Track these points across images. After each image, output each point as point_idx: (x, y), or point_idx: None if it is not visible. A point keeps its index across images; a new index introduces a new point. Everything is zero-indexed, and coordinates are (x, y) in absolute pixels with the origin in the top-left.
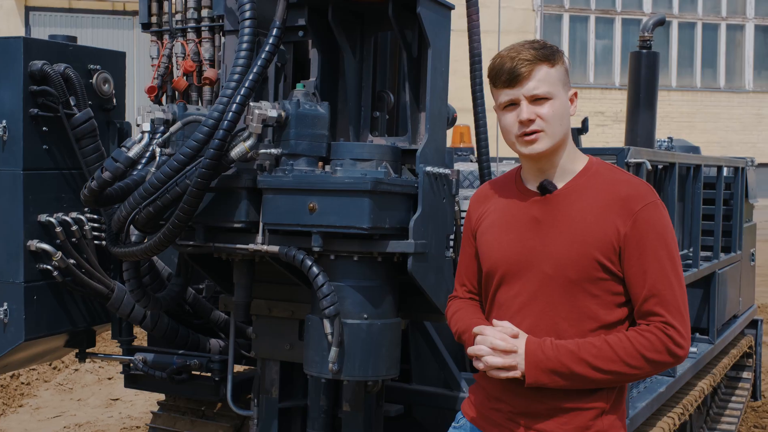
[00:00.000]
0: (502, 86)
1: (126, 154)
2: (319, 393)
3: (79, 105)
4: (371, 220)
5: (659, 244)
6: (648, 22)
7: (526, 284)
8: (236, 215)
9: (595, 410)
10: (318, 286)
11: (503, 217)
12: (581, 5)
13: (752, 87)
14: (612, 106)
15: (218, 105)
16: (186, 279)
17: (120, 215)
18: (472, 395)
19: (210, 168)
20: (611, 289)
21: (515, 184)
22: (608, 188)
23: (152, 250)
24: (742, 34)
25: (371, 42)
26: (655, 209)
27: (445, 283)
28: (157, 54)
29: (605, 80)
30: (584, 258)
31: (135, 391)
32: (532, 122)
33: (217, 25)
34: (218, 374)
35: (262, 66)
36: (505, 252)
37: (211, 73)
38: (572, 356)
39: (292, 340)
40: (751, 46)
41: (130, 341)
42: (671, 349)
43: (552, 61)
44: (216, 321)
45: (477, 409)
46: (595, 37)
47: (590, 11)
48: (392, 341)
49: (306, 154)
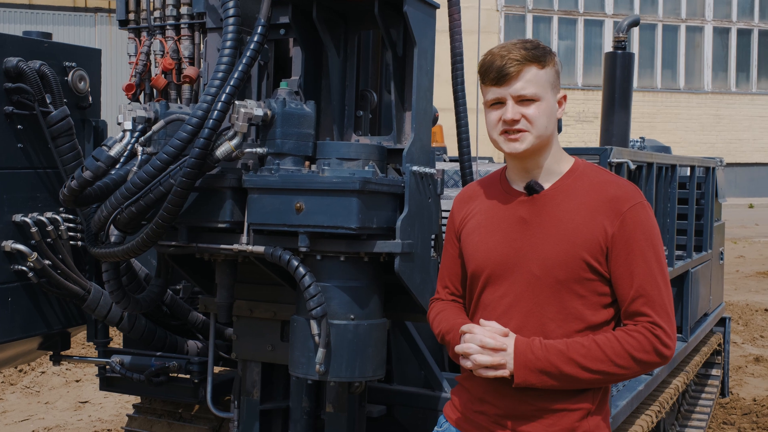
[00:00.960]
0: (490, 84)
1: (107, 153)
2: (301, 394)
3: (55, 103)
4: (359, 220)
5: (646, 244)
6: (623, 23)
7: (512, 285)
8: (221, 215)
9: (582, 411)
10: (305, 287)
11: (489, 218)
12: (544, 6)
13: (710, 88)
14: (574, 107)
15: (202, 103)
16: (166, 280)
17: (101, 215)
18: (454, 397)
19: (195, 167)
20: (598, 290)
21: (500, 184)
22: (595, 189)
23: (135, 250)
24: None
25: (355, 40)
26: (643, 210)
27: (431, 283)
28: (134, 51)
29: (568, 81)
30: (572, 258)
31: (105, 393)
32: (516, 122)
33: (197, 22)
34: (197, 376)
35: (248, 64)
36: (491, 253)
37: (191, 71)
38: (561, 356)
39: (274, 342)
40: (710, 48)
41: (105, 343)
42: (659, 349)
43: (542, 63)
44: (194, 322)
45: (461, 412)
46: (558, 38)
47: (553, 12)
48: (379, 342)
49: (292, 154)
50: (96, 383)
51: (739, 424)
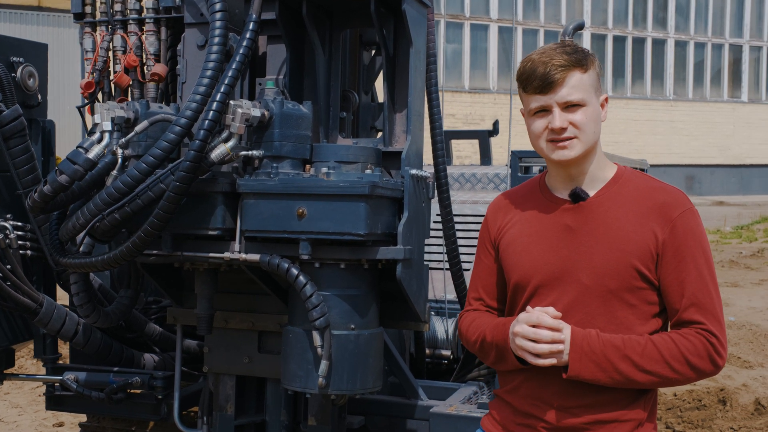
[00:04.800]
0: (533, 92)
1: (85, 155)
2: (279, 407)
3: (6, 101)
4: (367, 225)
5: (698, 252)
6: (568, 27)
7: (561, 295)
8: (212, 222)
9: (634, 421)
10: (306, 297)
11: (531, 227)
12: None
13: None
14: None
15: (191, 103)
16: (136, 291)
17: (77, 222)
18: (493, 411)
19: (190, 171)
20: (648, 299)
21: (541, 192)
22: (643, 195)
23: (118, 260)
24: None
25: (339, 39)
26: (693, 216)
27: (425, 290)
28: (92, 47)
29: (455, 84)
30: (623, 266)
31: (19, 410)
32: (565, 130)
33: (163, 17)
34: (162, 392)
35: (241, 62)
36: (536, 262)
37: (160, 68)
38: (617, 352)
39: (250, 353)
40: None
41: (55, 359)
42: (713, 357)
43: (585, 67)
44: (150, 335)
45: (501, 424)
46: (445, 41)
47: (440, 15)
48: (378, 352)
49: (290, 156)
50: (7, 400)
51: (666, 419)
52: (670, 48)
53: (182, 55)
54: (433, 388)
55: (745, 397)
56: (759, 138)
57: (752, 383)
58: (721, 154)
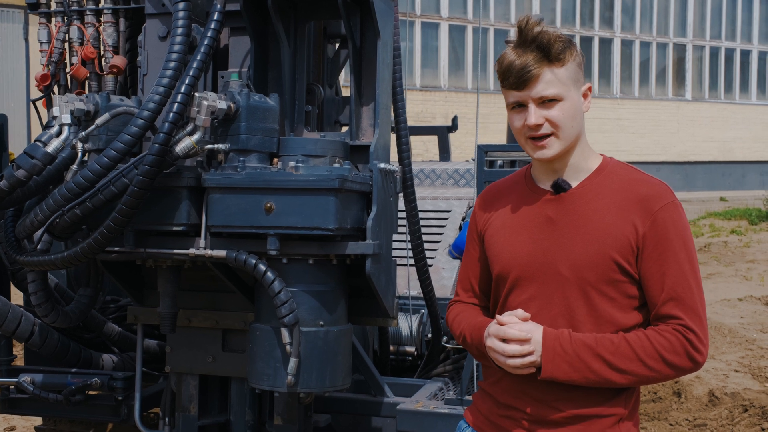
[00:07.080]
0: (509, 87)
1: (43, 149)
2: (244, 407)
3: None
4: (337, 220)
5: (679, 245)
6: None
7: (540, 287)
8: (176, 217)
9: (614, 417)
10: (275, 293)
11: (514, 218)
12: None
13: None
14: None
15: (154, 95)
16: (96, 289)
17: (34, 219)
18: (477, 402)
19: (155, 165)
20: (628, 292)
21: (525, 183)
22: (625, 187)
23: (79, 257)
24: None
25: (304, 31)
26: (675, 209)
27: (393, 285)
28: (47, 38)
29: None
30: (602, 259)
31: None
32: (540, 126)
33: (121, 7)
34: (121, 393)
35: (206, 53)
36: (517, 253)
37: (119, 60)
38: (589, 351)
39: (214, 352)
40: None
41: (9, 361)
42: (690, 353)
43: (561, 60)
44: (109, 334)
45: (483, 416)
46: None
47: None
48: (346, 349)
49: (257, 150)
50: None
51: None
52: (616, 47)
53: (143, 47)
54: (399, 384)
55: (699, 389)
56: (702, 135)
57: (705, 375)
58: (666, 151)
